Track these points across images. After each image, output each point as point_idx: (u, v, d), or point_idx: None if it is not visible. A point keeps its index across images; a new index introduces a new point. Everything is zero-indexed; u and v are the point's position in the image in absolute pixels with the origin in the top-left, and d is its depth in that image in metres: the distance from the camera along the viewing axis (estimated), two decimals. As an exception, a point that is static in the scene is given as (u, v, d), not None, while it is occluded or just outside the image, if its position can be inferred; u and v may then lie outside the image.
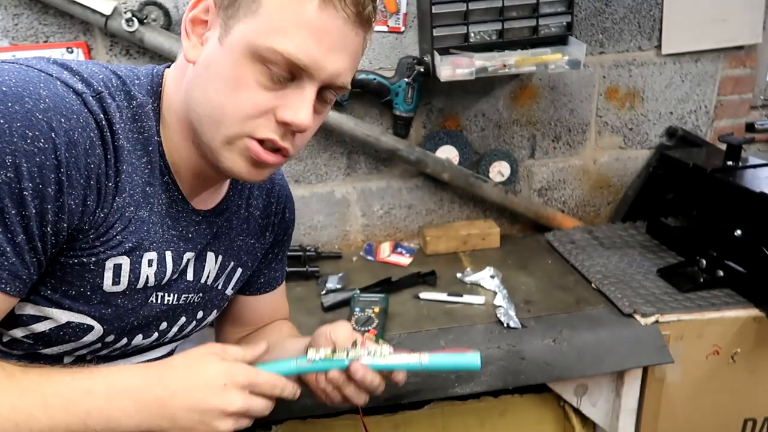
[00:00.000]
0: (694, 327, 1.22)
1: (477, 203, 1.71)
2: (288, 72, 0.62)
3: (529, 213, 1.68)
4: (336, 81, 0.64)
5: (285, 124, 0.63)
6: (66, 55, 1.38)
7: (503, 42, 1.37)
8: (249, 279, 0.92)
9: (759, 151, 1.80)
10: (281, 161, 0.68)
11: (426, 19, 1.37)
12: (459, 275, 1.45)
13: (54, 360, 0.69)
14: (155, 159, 0.68)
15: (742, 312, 1.24)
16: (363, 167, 1.62)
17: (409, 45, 1.51)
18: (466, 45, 1.36)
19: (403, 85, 1.47)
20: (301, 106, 0.63)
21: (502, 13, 1.35)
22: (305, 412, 1.14)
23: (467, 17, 1.35)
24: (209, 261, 0.80)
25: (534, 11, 1.36)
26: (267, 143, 0.65)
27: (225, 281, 0.85)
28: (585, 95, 1.65)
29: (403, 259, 1.58)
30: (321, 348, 0.76)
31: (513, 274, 1.45)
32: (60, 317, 0.65)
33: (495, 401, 1.31)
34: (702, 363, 1.26)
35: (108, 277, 0.66)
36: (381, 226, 1.69)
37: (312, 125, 0.66)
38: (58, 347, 0.68)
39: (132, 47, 1.41)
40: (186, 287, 0.77)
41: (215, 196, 0.79)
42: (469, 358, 0.73)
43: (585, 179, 1.74)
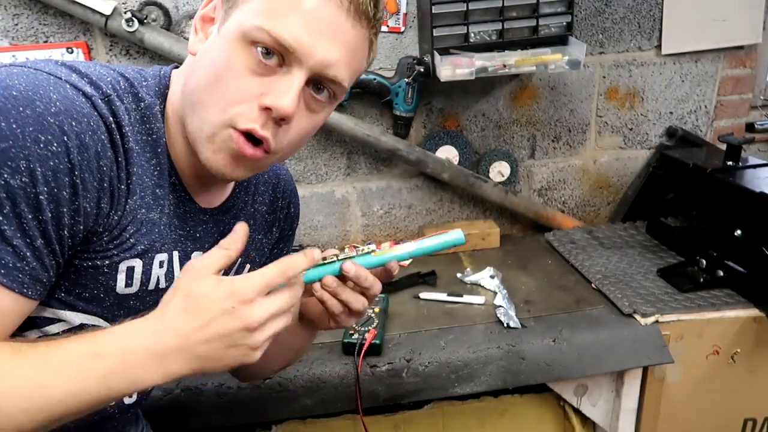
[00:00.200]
0: (694, 327, 1.22)
1: (477, 203, 1.71)
2: (275, 55, 0.61)
3: (529, 213, 1.68)
4: (327, 71, 0.63)
5: (267, 109, 0.62)
6: (66, 55, 1.38)
7: (503, 42, 1.37)
8: None
9: (759, 151, 1.80)
10: (260, 156, 0.65)
11: (426, 19, 1.38)
12: (459, 275, 1.45)
13: None
14: (163, 160, 0.68)
15: (742, 312, 1.24)
16: (363, 167, 1.62)
17: (409, 45, 1.51)
18: (466, 45, 1.36)
19: (403, 85, 1.47)
20: (286, 91, 0.61)
21: (502, 13, 1.35)
22: (305, 412, 1.14)
23: (467, 17, 1.35)
24: None
25: (534, 11, 1.36)
26: (248, 135, 0.63)
27: None
28: (585, 95, 1.65)
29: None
30: None
31: (513, 274, 1.45)
32: (73, 319, 0.65)
33: (495, 401, 1.31)
34: (702, 363, 1.26)
35: (121, 280, 0.66)
36: (381, 226, 1.69)
37: (295, 114, 0.63)
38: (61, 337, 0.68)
39: (132, 47, 1.41)
40: None
41: (221, 194, 0.79)
42: (454, 235, 0.76)
43: (585, 179, 1.74)
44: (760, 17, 1.61)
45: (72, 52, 1.38)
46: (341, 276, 0.71)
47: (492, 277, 1.40)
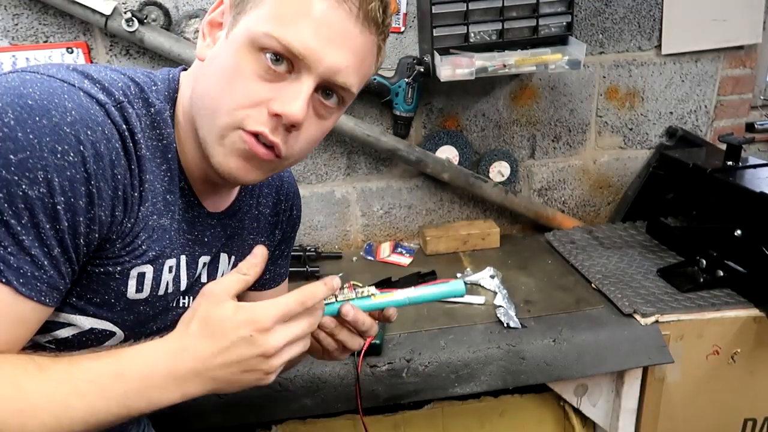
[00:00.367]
0: (694, 327, 1.22)
1: (477, 203, 1.71)
2: (285, 62, 0.61)
3: (529, 213, 1.68)
4: (336, 78, 0.63)
5: (276, 115, 0.62)
6: (66, 55, 1.38)
7: (503, 42, 1.37)
8: None
9: (759, 151, 1.80)
10: (272, 159, 0.65)
11: (426, 19, 1.38)
12: (459, 275, 1.45)
13: None
14: (174, 166, 0.68)
15: (742, 312, 1.24)
16: (363, 167, 1.62)
17: (409, 45, 1.51)
18: (466, 45, 1.36)
19: (403, 85, 1.47)
20: (295, 97, 0.61)
21: (502, 13, 1.35)
22: (305, 412, 1.14)
23: (467, 17, 1.35)
24: (222, 262, 0.81)
25: (534, 11, 1.36)
26: (259, 138, 0.64)
27: None
28: (585, 95, 1.65)
29: (403, 259, 1.58)
30: None
31: (513, 274, 1.45)
32: (83, 324, 0.65)
33: (495, 401, 1.31)
34: (702, 363, 1.26)
35: (132, 285, 0.66)
36: (381, 226, 1.69)
37: (305, 120, 0.63)
38: (79, 352, 0.68)
39: (132, 47, 1.41)
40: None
41: (227, 197, 0.79)
42: (454, 285, 0.75)
43: (585, 179, 1.74)
44: (760, 17, 1.61)
45: (72, 52, 1.38)
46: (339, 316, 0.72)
47: (492, 277, 1.40)
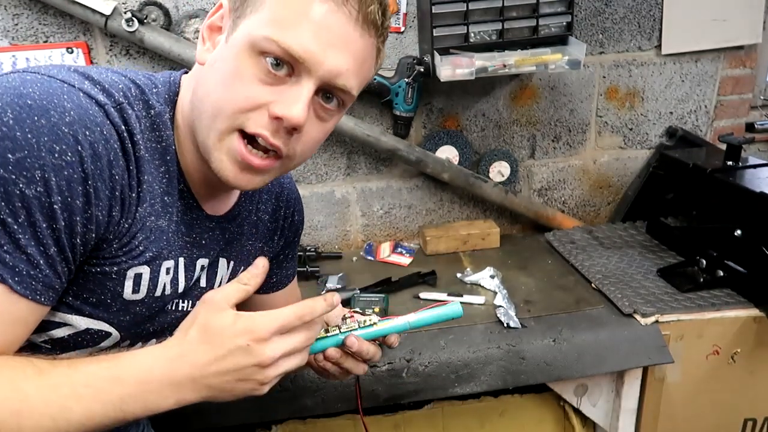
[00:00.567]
0: (694, 327, 1.22)
1: (477, 203, 1.71)
2: (285, 65, 0.61)
3: (529, 213, 1.68)
4: (336, 80, 0.63)
5: (278, 119, 0.62)
6: (66, 56, 1.38)
7: (503, 42, 1.37)
8: None
9: (759, 151, 1.80)
10: (271, 165, 0.66)
11: (426, 19, 1.37)
12: (459, 275, 1.45)
13: None
14: (173, 168, 0.68)
15: (742, 312, 1.24)
16: (363, 167, 1.62)
17: (409, 45, 1.51)
18: (466, 45, 1.36)
19: (403, 85, 1.47)
20: (296, 100, 0.62)
21: (502, 13, 1.35)
22: (305, 412, 1.14)
23: (467, 17, 1.35)
24: (221, 267, 0.81)
25: (534, 11, 1.36)
26: (259, 141, 0.64)
27: None
28: (585, 95, 1.65)
29: (403, 259, 1.58)
30: None
31: (513, 274, 1.45)
32: (79, 324, 0.65)
33: (495, 401, 1.31)
34: (702, 363, 1.26)
35: (128, 286, 0.66)
36: (381, 226, 1.69)
37: (305, 122, 0.63)
38: (75, 352, 0.68)
39: (132, 47, 1.41)
40: (200, 294, 0.77)
41: (227, 201, 0.79)
42: (451, 308, 0.80)
43: (585, 179, 1.74)
44: (760, 17, 1.61)
45: (72, 52, 1.38)
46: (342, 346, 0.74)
47: (492, 277, 1.40)
